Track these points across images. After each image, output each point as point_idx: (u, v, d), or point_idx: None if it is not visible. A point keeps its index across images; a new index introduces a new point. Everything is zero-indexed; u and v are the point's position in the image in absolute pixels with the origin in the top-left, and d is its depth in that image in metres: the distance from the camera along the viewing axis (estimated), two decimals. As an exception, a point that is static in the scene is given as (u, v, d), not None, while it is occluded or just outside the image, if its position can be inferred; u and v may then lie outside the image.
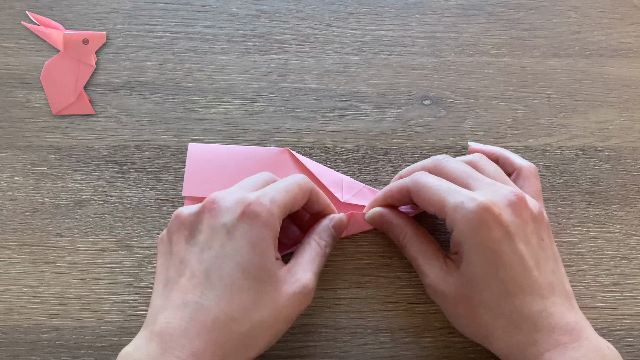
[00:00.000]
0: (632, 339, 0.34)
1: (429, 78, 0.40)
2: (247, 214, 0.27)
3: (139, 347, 0.26)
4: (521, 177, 0.32)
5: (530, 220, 0.29)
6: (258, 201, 0.28)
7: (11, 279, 0.35)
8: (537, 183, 0.32)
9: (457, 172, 0.30)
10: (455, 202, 0.28)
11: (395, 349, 0.34)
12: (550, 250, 0.29)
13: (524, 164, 0.33)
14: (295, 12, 0.41)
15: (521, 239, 0.28)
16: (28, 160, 0.37)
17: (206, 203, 0.28)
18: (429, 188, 0.30)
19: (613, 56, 0.41)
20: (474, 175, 0.30)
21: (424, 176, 0.30)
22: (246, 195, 0.28)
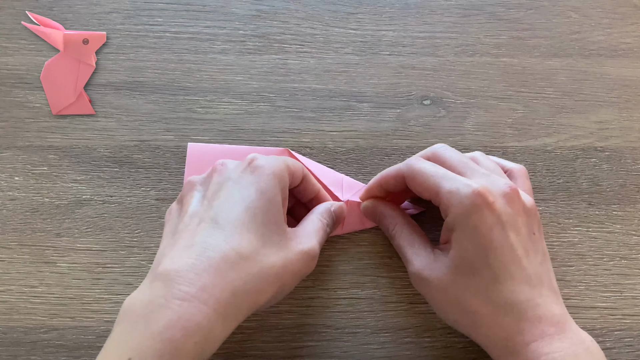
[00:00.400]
0: (632, 339, 0.34)
1: (429, 78, 0.40)
2: (253, 165, 0.29)
3: (142, 290, 0.26)
4: (513, 177, 0.33)
5: (523, 213, 0.29)
6: (268, 160, 0.29)
7: (11, 279, 0.35)
8: (528, 182, 0.33)
9: (454, 160, 0.31)
10: (451, 188, 0.29)
11: (395, 349, 0.34)
12: (540, 245, 0.30)
13: (514, 166, 0.34)
14: (295, 12, 0.41)
15: (512, 228, 0.28)
16: (28, 160, 0.37)
17: (214, 165, 0.30)
18: (423, 173, 0.30)
19: (613, 56, 0.41)
20: (471, 165, 0.30)
21: (418, 162, 0.31)
22: (257, 156, 0.29)
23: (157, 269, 0.26)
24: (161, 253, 0.27)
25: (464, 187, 0.28)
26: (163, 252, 0.27)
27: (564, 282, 0.35)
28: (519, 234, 0.28)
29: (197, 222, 0.27)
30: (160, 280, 0.25)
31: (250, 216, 0.27)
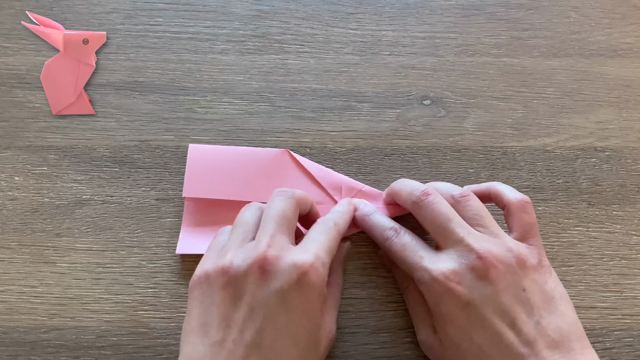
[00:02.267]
0: (632, 339, 0.34)
1: (429, 78, 0.40)
2: (302, 282, 0.26)
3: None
4: (510, 214, 0.31)
5: (500, 278, 0.28)
6: (314, 267, 0.27)
7: (11, 279, 0.35)
8: (525, 217, 0.31)
9: (433, 222, 0.30)
10: (418, 277, 0.29)
11: (395, 349, 0.34)
12: (538, 297, 0.28)
13: (510, 199, 0.32)
14: (295, 12, 0.41)
15: (488, 303, 0.27)
16: (28, 160, 0.37)
17: (258, 260, 0.27)
18: (400, 254, 0.31)
19: (613, 56, 0.41)
20: (449, 227, 0.29)
21: (401, 236, 0.31)
22: (302, 257, 0.27)
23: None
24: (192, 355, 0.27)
25: (427, 276, 0.28)
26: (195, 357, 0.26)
27: (564, 282, 0.35)
28: (498, 306, 0.27)
29: (238, 340, 0.26)
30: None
31: (294, 345, 0.27)
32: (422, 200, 0.31)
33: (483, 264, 0.28)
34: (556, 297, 0.29)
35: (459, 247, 0.29)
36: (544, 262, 0.30)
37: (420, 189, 0.31)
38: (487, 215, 0.31)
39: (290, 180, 0.36)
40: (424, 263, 0.29)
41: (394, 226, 0.32)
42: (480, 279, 0.28)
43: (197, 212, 0.36)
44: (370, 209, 0.34)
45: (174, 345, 0.34)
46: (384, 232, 0.32)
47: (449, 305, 0.28)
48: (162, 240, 0.36)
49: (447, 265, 0.28)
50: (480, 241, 0.29)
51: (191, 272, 0.35)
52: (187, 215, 0.36)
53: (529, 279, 0.29)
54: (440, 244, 0.30)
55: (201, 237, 0.35)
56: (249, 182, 0.36)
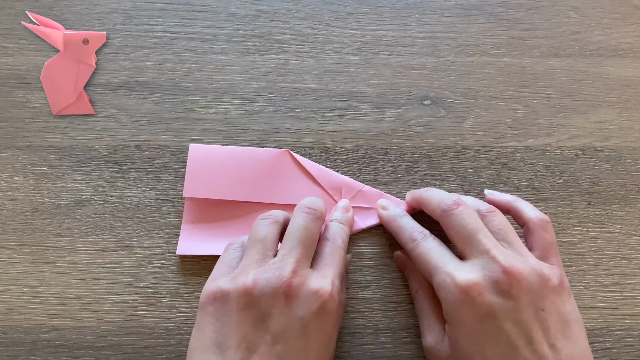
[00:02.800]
0: (632, 339, 0.34)
1: (429, 78, 0.40)
2: (323, 310, 0.27)
3: None
4: (529, 232, 0.32)
5: (522, 294, 0.28)
6: (332, 296, 0.28)
7: (11, 279, 0.35)
8: (546, 236, 0.31)
9: (460, 231, 0.30)
10: (439, 281, 0.29)
11: (395, 349, 0.34)
12: (556, 318, 0.28)
13: (531, 217, 0.32)
14: (295, 12, 0.41)
15: (507, 317, 0.27)
16: (28, 160, 0.37)
17: (283, 287, 0.27)
18: (422, 259, 0.30)
19: (613, 56, 0.41)
20: (476, 238, 0.29)
21: (423, 243, 0.31)
22: (322, 285, 0.28)
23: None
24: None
25: (449, 281, 0.28)
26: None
27: (564, 282, 0.35)
28: (517, 321, 0.27)
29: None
30: None
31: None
32: (452, 209, 0.31)
33: (507, 279, 0.28)
34: (572, 320, 0.29)
35: (484, 258, 0.29)
36: (564, 283, 0.30)
37: (451, 199, 0.31)
38: (512, 231, 0.31)
39: (290, 181, 0.36)
40: (448, 268, 0.29)
41: (423, 230, 0.32)
42: (502, 292, 0.27)
43: (198, 212, 0.36)
44: (400, 212, 0.34)
45: (174, 346, 0.34)
46: (412, 234, 0.32)
47: (467, 314, 0.28)
48: (162, 240, 0.36)
49: (471, 274, 0.28)
50: (506, 255, 0.29)
51: (191, 272, 0.35)
52: (187, 215, 0.36)
53: (549, 299, 0.28)
54: (465, 254, 0.30)
55: (201, 238, 0.35)
56: (249, 182, 0.36)
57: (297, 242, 0.29)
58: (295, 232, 0.30)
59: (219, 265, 0.30)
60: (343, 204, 0.35)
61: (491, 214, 0.31)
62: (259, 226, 0.31)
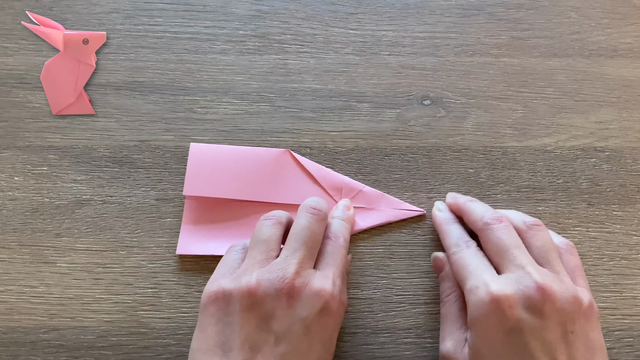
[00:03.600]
0: (632, 339, 0.34)
1: (429, 78, 0.40)
2: (325, 311, 0.28)
3: None
4: None
5: (554, 314, 0.27)
6: (334, 297, 0.28)
7: (11, 279, 0.35)
8: (573, 260, 0.31)
9: (498, 245, 0.30)
10: (471, 286, 0.28)
11: (395, 349, 0.34)
12: (582, 343, 0.28)
13: (557, 244, 0.32)
14: (295, 12, 0.41)
15: (534, 335, 0.27)
16: (28, 160, 0.37)
17: (286, 288, 0.27)
18: (459, 265, 0.30)
19: (613, 56, 0.41)
20: (512, 252, 0.29)
21: (461, 250, 0.31)
22: (325, 286, 0.28)
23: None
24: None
25: (482, 288, 0.28)
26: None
27: (564, 282, 0.35)
28: (544, 340, 0.27)
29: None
30: None
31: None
32: (494, 224, 0.31)
33: (541, 296, 0.27)
34: (597, 348, 0.28)
35: (519, 272, 0.28)
36: (594, 307, 0.29)
37: (494, 214, 0.31)
38: (554, 249, 0.30)
39: (290, 181, 0.37)
40: (484, 276, 0.28)
41: (470, 240, 0.32)
42: (533, 309, 0.27)
43: (198, 211, 0.36)
44: (454, 218, 0.34)
45: (174, 346, 0.34)
46: (458, 240, 0.32)
47: (494, 325, 0.27)
48: (162, 240, 0.36)
49: (505, 286, 0.27)
50: (541, 273, 0.28)
51: (191, 272, 0.35)
52: (187, 214, 0.36)
53: (579, 322, 0.28)
54: (501, 268, 0.29)
55: (201, 238, 0.35)
56: (249, 181, 0.36)
57: (301, 243, 0.29)
58: (299, 233, 0.30)
59: (221, 266, 0.30)
60: (344, 203, 0.35)
61: (536, 227, 0.31)
62: (262, 227, 0.31)
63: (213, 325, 0.27)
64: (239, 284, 0.28)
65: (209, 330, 0.27)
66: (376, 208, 0.36)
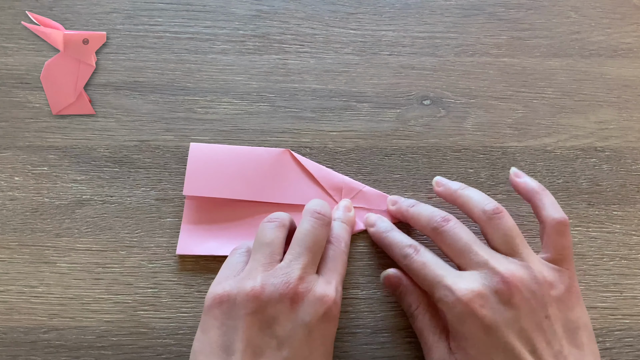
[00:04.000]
0: (632, 339, 0.34)
1: (429, 78, 0.40)
2: (327, 316, 0.28)
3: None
4: (545, 233, 0.31)
5: (523, 302, 0.27)
6: (335, 303, 0.28)
7: (11, 279, 0.35)
8: (562, 240, 0.30)
9: (454, 246, 0.30)
10: (439, 295, 0.28)
11: (395, 349, 0.34)
12: (561, 325, 0.28)
13: (548, 219, 0.31)
14: (295, 12, 0.41)
15: (510, 327, 0.27)
16: (28, 160, 0.37)
17: (290, 293, 0.27)
18: (419, 272, 0.30)
19: (613, 56, 0.41)
20: (472, 249, 0.29)
21: (420, 255, 0.31)
22: (327, 292, 0.28)
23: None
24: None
25: (449, 295, 0.28)
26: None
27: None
28: (521, 330, 0.27)
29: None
30: None
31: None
32: (442, 226, 0.30)
33: (507, 288, 0.27)
34: (580, 327, 0.28)
35: (482, 269, 0.28)
36: (573, 288, 0.29)
37: (440, 215, 0.31)
38: (518, 235, 0.30)
39: (290, 180, 0.36)
40: (447, 282, 0.28)
41: (413, 243, 0.32)
42: (503, 302, 0.27)
43: (198, 211, 0.36)
44: (388, 226, 0.34)
45: (174, 346, 0.34)
46: (402, 249, 0.31)
47: (472, 327, 0.27)
48: (162, 240, 0.36)
49: (471, 286, 0.28)
50: (504, 264, 0.28)
51: (191, 272, 0.35)
52: (187, 214, 0.36)
53: (553, 306, 0.28)
54: (463, 268, 0.29)
55: (201, 238, 0.35)
56: (249, 181, 0.36)
57: (305, 248, 0.29)
58: (303, 238, 0.30)
59: (224, 269, 0.30)
60: (345, 204, 0.35)
61: (497, 216, 0.30)
62: (265, 229, 0.30)
63: (216, 328, 0.27)
64: (243, 288, 0.28)
65: (212, 333, 0.27)
66: (376, 208, 0.36)
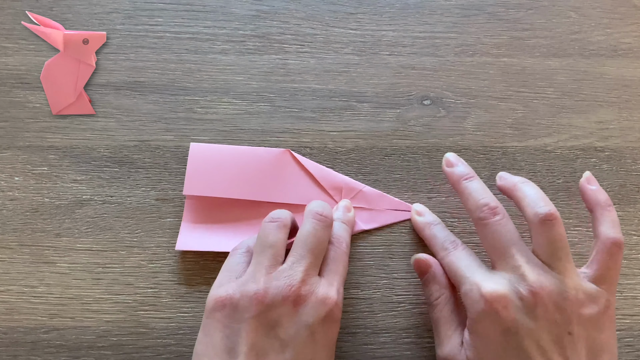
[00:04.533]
0: (632, 339, 0.34)
1: (429, 78, 0.40)
2: (329, 318, 0.28)
3: None
4: (595, 249, 0.30)
5: (546, 315, 0.27)
6: (337, 305, 0.28)
7: (11, 279, 0.35)
8: (610, 261, 0.29)
9: (493, 243, 0.29)
10: (465, 290, 0.29)
11: (395, 349, 0.34)
12: (584, 345, 0.27)
13: (602, 237, 0.30)
14: (295, 12, 0.41)
15: (529, 335, 0.27)
16: (28, 160, 0.37)
17: (292, 295, 0.27)
18: (451, 267, 0.31)
19: (613, 56, 0.41)
20: (510, 251, 0.29)
21: (452, 253, 0.31)
22: (329, 294, 0.28)
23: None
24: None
25: (475, 291, 0.28)
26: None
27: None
28: (538, 342, 0.27)
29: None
30: None
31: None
32: (488, 219, 0.30)
33: (532, 297, 0.27)
34: (604, 351, 0.28)
35: (514, 273, 0.28)
36: (608, 311, 0.28)
37: (488, 205, 0.30)
38: (564, 247, 0.29)
39: (290, 180, 0.37)
40: (477, 278, 0.28)
41: (455, 240, 0.32)
42: (526, 311, 0.27)
43: (198, 210, 0.36)
44: (435, 219, 0.35)
45: (174, 346, 0.34)
46: (445, 242, 0.32)
47: (490, 326, 0.27)
48: (162, 240, 0.36)
49: (498, 287, 0.28)
50: (537, 273, 0.28)
51: (191, 272, 0.35)
52: (187, 212, 0.36)
53: (581, 325, 0.27)
54: (496, 266, 0.29)
55: (201, 234, 0.35)
56: (249, 181, 0.36)
57: (307, 250, 0.29)
58: (305, 240, 0.30)
59: (225, 271, 0.30)
60: (344, 204, 0.35)
61: (548, 223, 0.29)
62: (267, 230, 0.30)
63: (219, 331, 0.27)
64: (246, 291, 0.28)
65: (215, 336, 0.27)
66: (376, 208, 0.36)
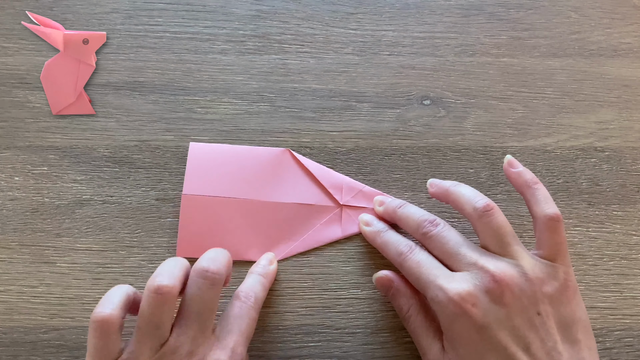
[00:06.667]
0: (632, 339, 0.34)
1: (429, 78, 0.40)
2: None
3: None
4: (538, 229, 0.31)
5: (514, 300, 0.27)
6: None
7: (11, 279, 0.35)
8: (555, 237, 0.30)
9: (442, 249, 0.30)
10: (432, 295, 0.29)
11: (395, 349, 0.34)
12: (554, 322, 0.28)
13: (540, 215, 0.30)
14: (295, 12, 0.41)
15: (502, 325, 0.27)
16: (28, 160, 0.37)
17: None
18: (413, 272, 0.30)
19: (613, 56, 0.41)
20: (460, 251, 0.29)
21: (414, 254, 0.31)
22: (220, 358, 0.28)
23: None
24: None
25: (441, 295, 0.28)
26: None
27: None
28: (513, 329, 0.27)
29: None
30: None
31: None
32: (431, 231, 0.31)
33: (498, 287, 0.27)
34: (575, 322, 0.28)
35: (472, 269, 0.28)
36: (569, 283, 0.29)
37: (428, 219, 0.31)
38: (509, 232, 0.30)
39: (290, 180, 0.37)
40: (439, 282, 0.28)
41: (408, 243, 0.32)
42: (494, 301, 0.27)
43: (197, 210, 0.36)
44: (383, 226, 0.34)
45: (174, 345, 0.34)
46: (398, 247, 0.32)
47: (464, 326, 0.27)
48: (162, 240, 0.36)
49: (462, 286, 0.28)
50: (494, 262, 0.28)
51: (191, 272, 0.35)
52: (186, 212, 0.36)
53: (546, 302, 0.28)
54: (454, 269, 0.30)
55: (200, 239, 0.35)
56: (249, 181, 0.36)
57: (192, 318, 0.28)
58: (190, 305, 0.28)
59: (92, 350, 0.27)
60: (268, 257, 0.34)
61: (487, 213, 0.30)
62: (150, 306, 0.27)
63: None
64: None
65: None
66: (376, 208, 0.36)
